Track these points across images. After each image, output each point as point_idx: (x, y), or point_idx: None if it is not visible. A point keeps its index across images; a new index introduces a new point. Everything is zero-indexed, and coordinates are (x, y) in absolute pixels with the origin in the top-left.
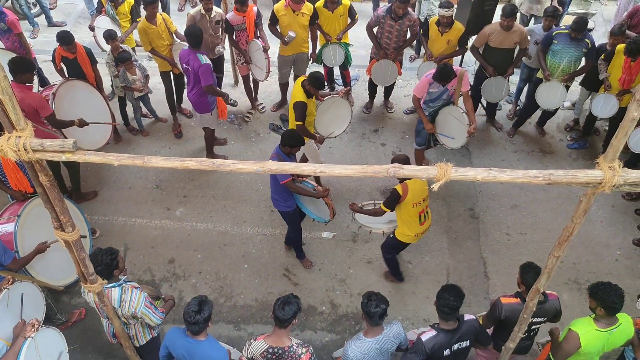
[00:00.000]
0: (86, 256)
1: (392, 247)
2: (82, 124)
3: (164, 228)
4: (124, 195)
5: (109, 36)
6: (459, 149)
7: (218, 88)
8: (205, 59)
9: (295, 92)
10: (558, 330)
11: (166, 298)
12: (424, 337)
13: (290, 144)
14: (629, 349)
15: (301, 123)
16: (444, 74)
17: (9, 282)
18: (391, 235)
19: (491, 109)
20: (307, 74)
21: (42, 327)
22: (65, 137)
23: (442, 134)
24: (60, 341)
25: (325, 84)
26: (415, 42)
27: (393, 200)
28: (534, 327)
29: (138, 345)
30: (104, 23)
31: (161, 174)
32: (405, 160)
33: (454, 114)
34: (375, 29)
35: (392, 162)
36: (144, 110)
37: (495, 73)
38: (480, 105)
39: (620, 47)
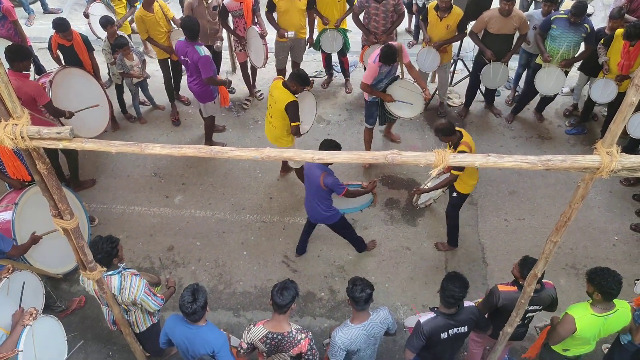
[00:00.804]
0: (85, 244)
1: (458, 206)
2: (69, 116)
3: (162, 216)
4: (122, 183)
5: (107, 22)
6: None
7: (218, 77)
8: (204, 51)
9: (280, 94)
10: (557, 317)
11: (169, 284)
12: (422, 319)
13: None
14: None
15: (299, 123)
16: (391, 55)
17: (9, 271)
18: (454, 194)
19: (490, 95)
20: (282, 76)
21: (40, 315)
22: (63, 125)
23: (400, 101)
24: (58, 329)
25: (323, 70)
26: (414, 27)
27: None
28: (529, 314)
29: (138, 332)
30: (98, 10)
31: (159, 161)
32: (448, 126)
33: (405, 86)
34: (361, 16)
35: (435, 129)
36: (142, 97)
37: (493, 57)
38: (478, 91)
39: (620, 31)
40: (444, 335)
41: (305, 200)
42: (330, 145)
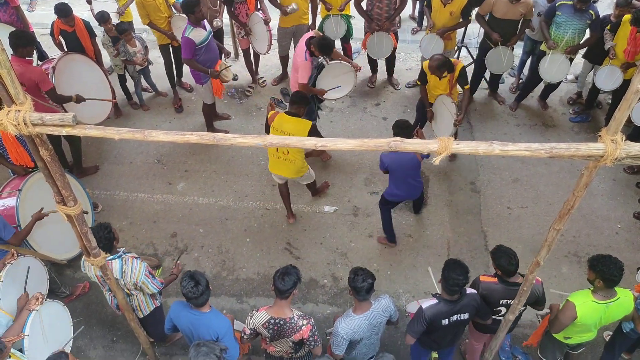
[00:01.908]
0: (88, 230)
1: None
2: (79, 99)
3: (165, 203)
4: (125, 170)
5: (102, 18)
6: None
7: (217, 65)
8: (189, 32)
9: (295, 127)
10: (558, 305)
11: (173, 271)
12: (424, 305)
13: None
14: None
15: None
16: (329, 45)
17: (13, 257)
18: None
19: (494, 81)
20: (276, 110)
21: (46, 300)
22: (66, 112)
23: (331, 88)
24: (64, 314)
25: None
26: (417, 14)
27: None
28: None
29: (142, 317)
30: None
31: (162, 148)
32: (447, 60)
33: (336, 69)
34: (364, 4)
35: (436, 67)
36: (144, 84)
37: (500, 39)
38: (483, 79)
39: (627, 17)
40: (444, 321)
41: (400, 188)
42: (403, 125)
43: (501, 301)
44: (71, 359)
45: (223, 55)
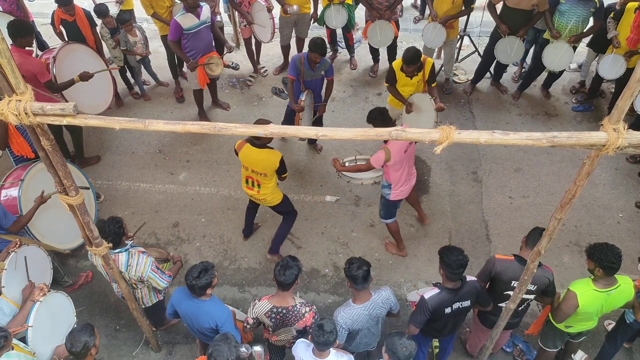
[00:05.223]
0: (91, 220)
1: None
2: (84, 76)
3: (167, 192)
4: (127, 160)
5: (101, 13)
6: None
7: (201, 59)
8: (179, 15)
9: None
10: (559, 294)
11: (174, 259)
12: (426, 296)
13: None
14: (629, 310)
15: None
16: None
17: (16, 246)
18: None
19: (500, 70)
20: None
21: (50, 291)
22: (67, 101)
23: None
24: (68, 305)
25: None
26: (419, 2)
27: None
28: (525, 297)
29: (144, 307)
30: None
31: (164, 138)
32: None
33: None
34: None
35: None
36: (143, 77)
37: (507, 31)
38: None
39: (631, 5)
40: (447, 310)
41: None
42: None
43: (513, 282)
44: (95, 332)
45: (225, 49)
